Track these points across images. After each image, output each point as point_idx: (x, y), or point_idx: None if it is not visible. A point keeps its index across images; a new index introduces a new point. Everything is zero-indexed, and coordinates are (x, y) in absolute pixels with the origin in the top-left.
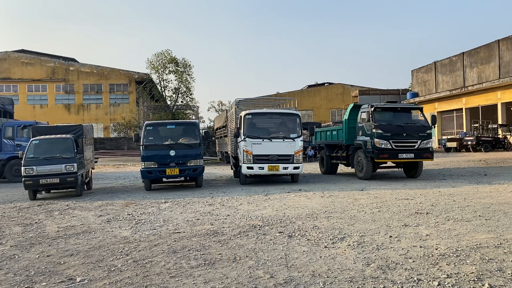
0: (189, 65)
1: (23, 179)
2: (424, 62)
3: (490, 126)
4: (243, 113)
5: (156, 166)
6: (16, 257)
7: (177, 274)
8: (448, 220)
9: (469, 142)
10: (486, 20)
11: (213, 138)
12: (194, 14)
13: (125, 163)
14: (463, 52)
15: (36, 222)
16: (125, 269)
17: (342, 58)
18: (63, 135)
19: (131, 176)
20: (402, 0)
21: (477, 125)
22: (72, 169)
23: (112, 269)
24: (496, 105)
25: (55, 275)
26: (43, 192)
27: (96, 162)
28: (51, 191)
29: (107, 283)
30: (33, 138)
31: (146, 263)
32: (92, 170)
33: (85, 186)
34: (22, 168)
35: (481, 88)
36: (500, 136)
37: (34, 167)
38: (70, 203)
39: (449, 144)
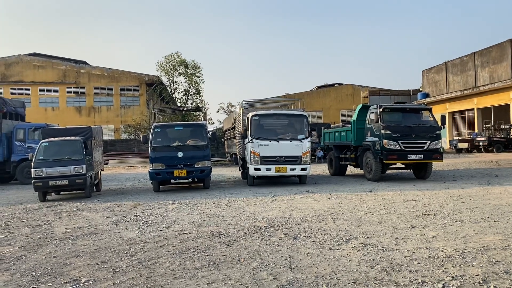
0: (199, 67)
1: (33, 180)
2: (434, 62)
3: (502, 126)
4: (250, 115)
5: (164, 168)
6: (24, 257)
7: (181, 275)
8: (456, 221)
9: (481, 143)
10: (498, 19)
11: (222, 139)
12: (204, 16)
13: (135, 164)
14: (474, 52)
15: (44, 224)
16: (130, 270)
17: (352, 58)
18: (72, 137)
19: (141, 178)
20: (412, 0)
21: (489, 125)
22: (81, 171)
23: (117, 270)
24: (508, 105)
25: (60, 276)
26: (52, 193)
27: (106, 164)
28: (61, 192)
29: (111, 284)
30: (43, 140)
31: (150, 264)
32: (102, 172)
33: (94, 187)
34: (32, 170)
35: (493, 88)
36: None
37: (44, 169)
38: (79, 204)
39: (460, 145)
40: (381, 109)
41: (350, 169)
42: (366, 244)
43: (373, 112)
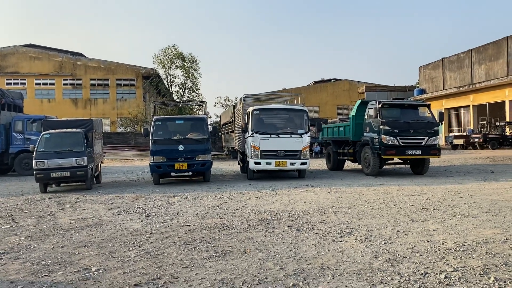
0: (196, 60)
1: (34, 172)
2: (431, 59)
3: (497, 123)
4: (251, 109)
5: (165, 161)
6: (32, 247)
7: (189, 265)
8: (455, 216)
9: (476, 140)
10: (495, 16)
11: (219, 133)
12: (201, 9)
13: (132, 157)
14: (471, 49)
15: (48, 214)
16: (138, 259)
17: (349, 54)
18: (74, 129)
19: (139, 171)
20: None
21: (485, 122)
22: (82, 162)
23: (126, 260)
24: (504, 103)
25: (70, 264)
26: (53, 185)
27: (103, 156)
28: (61, 184)
29: (122, 273)
30: (44, 132)
31: (158, 254)
32: (101, 164)
33: (94, 179)
34: (34, 161)
35: (489, 85)
36: (508, 134)
37: (45, 161)
38: (81, 196)
39: (456, 141)
40: (380, 105)
41: (348, 164)
42: (368, 237)
43: (372, 108)
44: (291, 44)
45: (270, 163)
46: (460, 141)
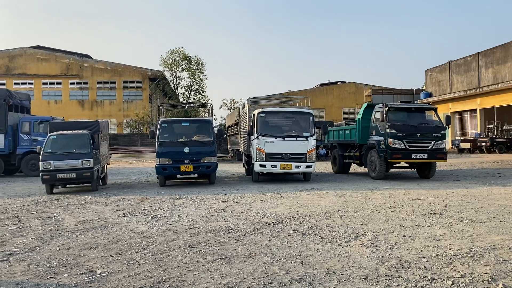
0: (202, 62)
1: (40, 173)
2: (438, 62)
3: (505, 127)
4: (256, 111)
5: (171, 163)
6: (38, 249)
7: (194, 268)
8: (462, 221)
9: (483, 143)
10: (503, 19)
11: (225, 135)
12: (207, 11)
13: (138, 159)
14: (478, 52)
15: (54, 216)
16: (144, 262)
17: (355, 57)
18: (80, 131)
19: (145, 172)
20: None
21: (492, 126)
22: (88, 164)
23: (131, 263)
24: (511, 106)
25: (76, 267)
26: (59, 186)
27: (109, 157)
28: (67, 185)
29: (127, 276)
30: (51, 134)
31: (163, 257)
32: (107, 166)
33: (100, 181)
34: (40, 162)
35: (497, 88)
36: None
37: (52, 162)
38: (87, 197)
39: (462, 145)
40: (386, 108)
41: (354, 168)
42: (374, 241)
43: (378, 111)
44: (297, 46)
45: (275, 166)
46: (467, 145)
